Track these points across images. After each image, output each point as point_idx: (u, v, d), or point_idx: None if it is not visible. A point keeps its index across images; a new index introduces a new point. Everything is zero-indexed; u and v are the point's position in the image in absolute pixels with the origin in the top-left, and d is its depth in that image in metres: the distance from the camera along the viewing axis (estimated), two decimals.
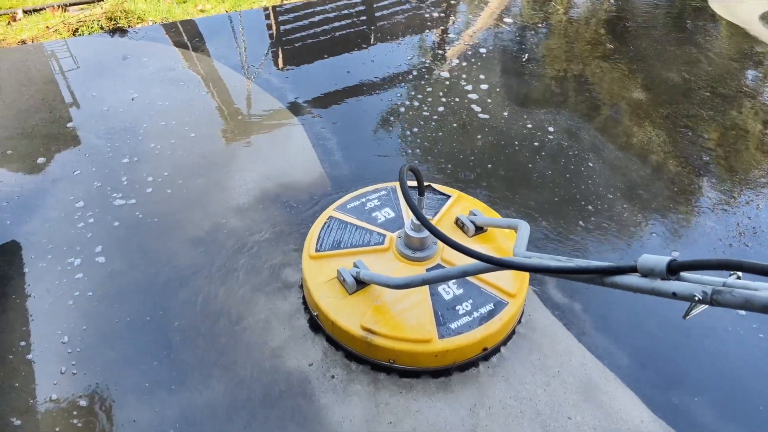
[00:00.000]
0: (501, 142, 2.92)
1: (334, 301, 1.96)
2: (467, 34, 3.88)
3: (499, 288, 2.01)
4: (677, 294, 1.12)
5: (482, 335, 1.90)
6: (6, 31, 3.76)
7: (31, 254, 2.28)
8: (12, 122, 2.94)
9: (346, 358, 1.97)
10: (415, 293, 1.98)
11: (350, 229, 2.22)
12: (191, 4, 4.13)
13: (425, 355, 1.88)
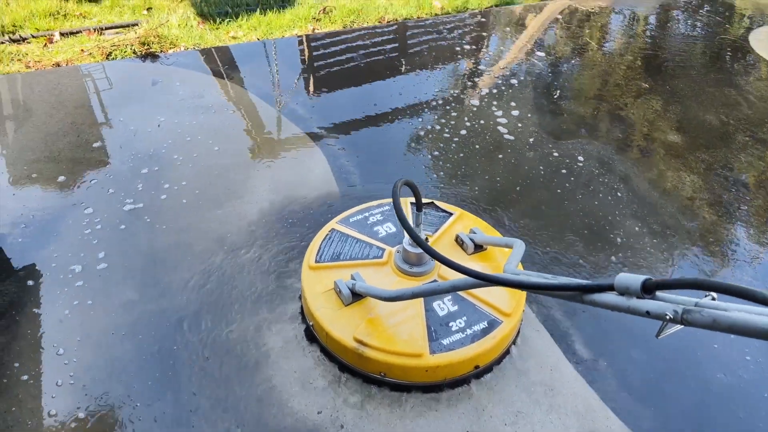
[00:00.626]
0: (528, 168, 2.85)
1: (329, 312, 1.98)
2: (498, 66, 3.82)
3: (494, 306, 2.01)
4: (650, 312, 1.14)
5: (474, 353, 1.90)
6: (42, 53, 3.82)
7: (45, 274, 2.27)
8: (40, 145, 2.96)
9: (339, 370, 1.99)
10: (410, 308, 1.99)
11: (351, 242, 2.26)
12: (223, 30, 4.16)
13: (416, 369, 1.89)
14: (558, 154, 3.04)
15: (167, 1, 4.52)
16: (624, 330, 2.18)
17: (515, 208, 2.70)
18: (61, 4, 4.40)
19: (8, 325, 2.10)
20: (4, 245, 2.44)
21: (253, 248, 2.43)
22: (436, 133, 3.17)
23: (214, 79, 3.57)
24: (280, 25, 4.24)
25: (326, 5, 4.50)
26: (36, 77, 3.53)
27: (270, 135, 3.12)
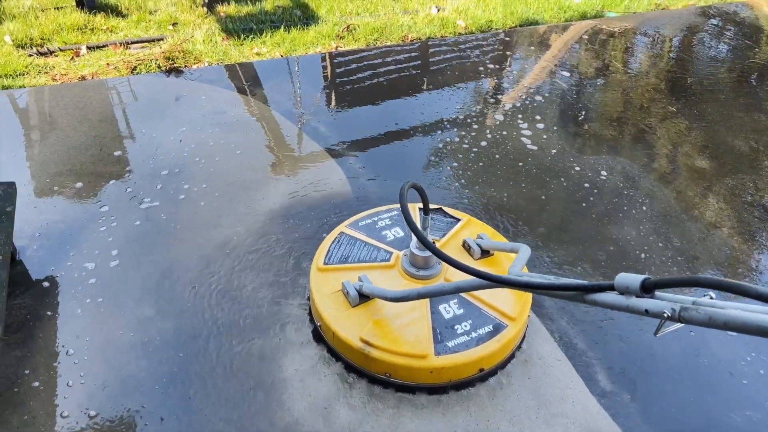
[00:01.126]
0: (550, 183, 2.80)
1: (336, 313, 2.02)
2: (521, 85, 3.79)
3: (500, 311, 2.04)
4: (649, 311, 1.15)
5: (479, 355, 1.92)
6: (69, 66, 3.86)
7: (62, 287, 2.27)
8: (63, 158, 2.98)
9: (345, 370, 2.02)
10: (416, 310, 2.02)
11: (359, 245, 2.30)
12: (247, 46, 4.18)
13: (421, 370, 1.91)
14: (579, 168, 2.99)
15: (192, 17, 4.56)
16: (627, 335, 2.22)
17: (538, 223, 2.65)
18: (89, 18, 4.45)
19: (24, 338, 2.10)
20: (24, 257, 2.44)
21: (264, 248, 2.47)
22: (455, 146, 3.14)
23: (237, 95, 3.58)
24: (303, 42, 4.25)
25: (350, 23, 4.51)
26: (62, 90, 3.56)
27: (291, 150, 3.11)
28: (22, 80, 3.66)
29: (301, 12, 4.70)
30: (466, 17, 4.74)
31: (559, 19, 4.91)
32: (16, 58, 3.86)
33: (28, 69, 3.79)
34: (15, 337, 2.10)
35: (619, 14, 5.09)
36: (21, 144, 3.08)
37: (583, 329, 2.23)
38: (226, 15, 4.58)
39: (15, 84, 3.61)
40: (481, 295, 2.08)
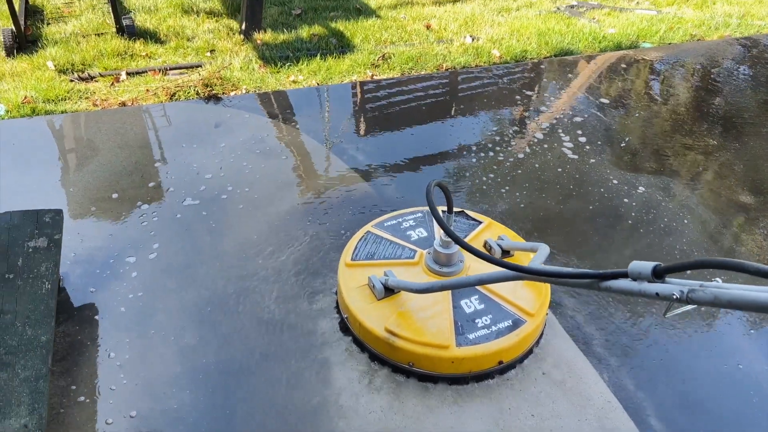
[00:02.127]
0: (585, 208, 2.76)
1: (363, 305, 2.14)
2: (554, 115, 3.76)
3: (519, 307, 2.13)
4: (660, 294, 1.25)
5: (498, 348, 2.02)
6: (109, 91, 3.92)
7: (105, 314, 2.27)
8: (104, 184, 3.00)
9: (369, 359, 2.14)
10: (438, 304, 2.13)
11: (385, 243, 2.42)
12: (284, 74, 4.21)
13: (442, 360, 2.01)
14: (608, 195, 2.94)
15: (229, 44, 4.62)
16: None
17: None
18: (128, 44, 4.53)
19: (69, 367, 2.09)
20: (67, 284, 2.45)
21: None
22: (489, 167, 3.11)
23: (276, 123, 3.60)
24: (339, 71, 4.27)
25: (385, 52, 4.53)
26: (102, 116, 3.61)
27: (329, 177, 3.11)
28: (64, 105, 3.72)
29: (336, 40, 4.74)
30: (501, 47, 4.74)
31: (593, 49, 4.90)
32: (58, 83, 3.93)
33: (69, 94, 3.85)
34: (60, 365, 2.09)
35: (654, 45, 5.06)
36: (63, 169, 3.12)
37: (600, 325, 2.35)
38: (263, 42, 4.63)
39: (57, 109, 3.66)
40: (501, 292, 2.18)
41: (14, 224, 2.21)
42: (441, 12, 5.50)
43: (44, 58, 4.23)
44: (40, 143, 3.34)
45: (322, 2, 5.55)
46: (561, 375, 2.13)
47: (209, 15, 5.16)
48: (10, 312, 1.93)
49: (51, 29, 4.71)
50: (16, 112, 3.58)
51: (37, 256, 2.12)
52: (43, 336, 1.87)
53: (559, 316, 2.36)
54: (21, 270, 2.06)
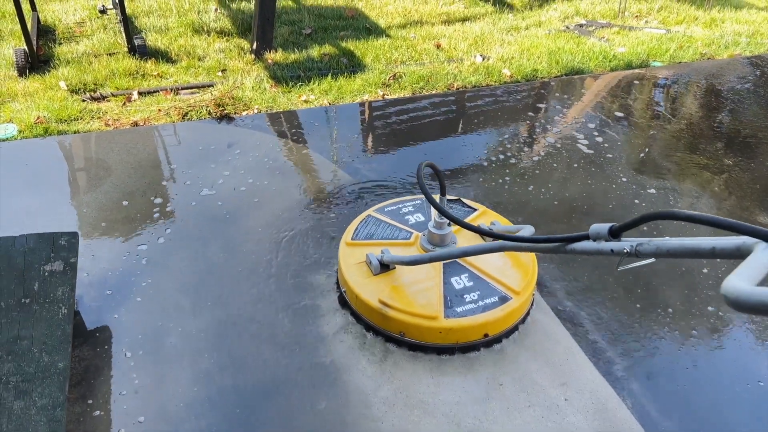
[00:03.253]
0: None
1: (360, 280, 2.31)
2: (564, 135, 3.74)
3: (506, 285, 2.30)
4: (614, 250, 1.39)
5: (484, 321, 2.18)
6: (121, 111, 3.92)
7: (120, 337, 2.24)
8: (118, 205, 2.99)
9: (364, 330, 2.31)
10: (430, 280, 2.30)
11: (384, 225, 2.61)
12: (296, 94, 4.21)
13: (431, 330, 2.17)
14: (620, 212, 2.91)
15: (241, 64, 4.63)
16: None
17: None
18: (140, 64, 4.54)
19: (84, 393, 2.06)
20: (82, 307, 2.42)
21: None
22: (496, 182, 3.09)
23: (287, 143, 3.59)
24: (350, 90, 4.27)
25: (396, 71, 4.53)
26: (115, 136, 3.60)
27: (339, 195, 3.09)
28: (77, 125, 3.72)
29: (347, 60, 4.75)
30: (511, 66, 4.74)
31: (604, 68, 4.89)
32: (70, 103, 3.94)
33: (82, 114, 3.85)
34: (75, 391, 2.06)
35: (664, 64, 5.06)
36: (76, 189, 3.11)
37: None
38: (274, 62, 4.64)
39: (70, 129, 3.66)
40: (490, 271, 2.35)
41: (30, 248, 2.19)
42: (450, 31, 5.51)
43: (56, 78, 4.24)
44: (53, 163, 3.33)
45: (332, 22, 5.58)
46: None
47: (220, 34, 5.19)
48: (27, 338, 1.91)
49: (63, 49, 4.73)
50: (29, 132, 3.58)
51: (54, 280, 2.11)
52: (60, 362, 1.85)
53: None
54: (37, 295, 2.04)
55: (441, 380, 2.13)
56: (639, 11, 6.42)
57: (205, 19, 5.38)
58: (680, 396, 2.14)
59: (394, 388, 2.10)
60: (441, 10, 6.07)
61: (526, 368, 2.19)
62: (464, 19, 5.92)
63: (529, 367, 2.19)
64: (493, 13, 6.09)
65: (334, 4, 6.10)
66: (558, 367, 2.20)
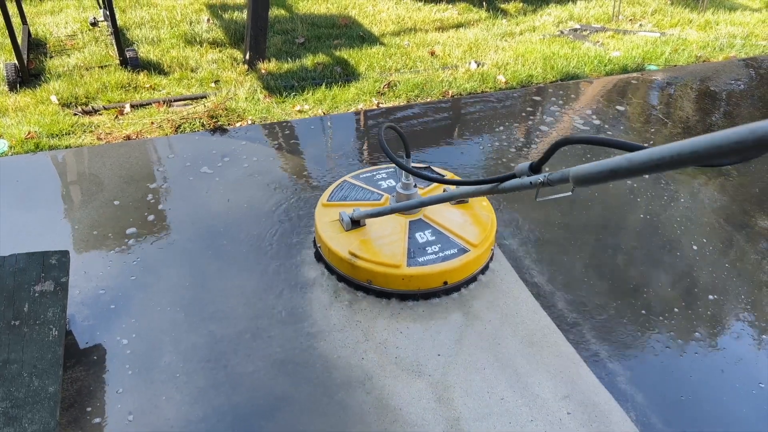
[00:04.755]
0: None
1: (333, 235, 2.56)
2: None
3: (465, 239, 2.54)
4: (532, 183, 1.59)
5: (443, 269, 2.42)
6: (113, 125, 3.88)
7: (113, 357, 2.19)
8: (111, 220, 2.94)
9: (337, 280, 2.56)
10: (395, 234, 2.56)
11: (357, 189, 2.85)
12: (290, 104, 4.18)
13: (395, 277, 2.41)
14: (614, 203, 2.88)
15: (234, 74, 4.59)
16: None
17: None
18: (132, 76, 4.50)
19: (77, 417, 2.01)
20: (74, 326, 2.37)
21: None
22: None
23: (282, 154, 3.55)
24: (345, 99, 4.24)
25: (390, 79, 4.50)
26: (107, 150, 3.56)
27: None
28: (68, 140, 3.68)
29: (341, 69, 4.72)
30: (506, 72, 4.71)
31: (599, 73, 4.87)
32: (62, 117, 3.89)
33: (73, 128, 3.81)
34: (67, 414, 2.01)
35: (660, 67, 5.04)
36: (68, 206, 3.06)
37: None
38: (267, 72, 4.60)
39: (61, 144, 3.61)
40: (451, 227, 2.59)
41: (20, 267, 2.14)
42: (444, 38, 5.49)
43: (47, 92, 4.20)
44: (44, 179, 3.28)
45: (326, 30, 5.55)
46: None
47: (212, 45, 5.15)
48: (16, 362, 1.86)
49: (54, 62, 4.69)
50: (20, 148, 3.54)
51: (44, 301, 2.06)
52: (50, 387, 1.80)
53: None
54: (27, 316, 2.00)
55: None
56: (633, 15, 6.41)
57: (198, 30, 5.34)
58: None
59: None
60: (434, 17, 6.04)
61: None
62: (458, 25, 5.90)
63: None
64: (486, 19, 6.07)
65: (327, 12, 6.08)
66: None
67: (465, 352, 2.27)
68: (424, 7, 6.30)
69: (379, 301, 2.46)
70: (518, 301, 2.51)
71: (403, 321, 2.39)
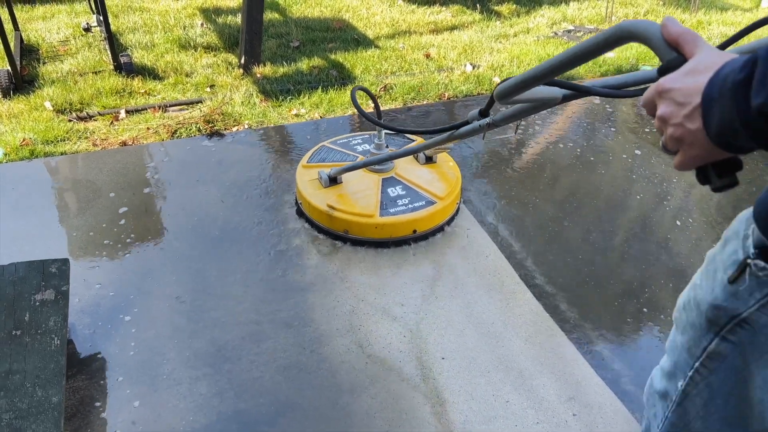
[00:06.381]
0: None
1: (312, 191, 2.86)
2: (553, 146, 3.72)
3: (432, 193, 2.86)
4: (480, 125, 1.80)
5: (411, 218, 2.73)
6: (109, 130, 3.85)
7: (114, 365, 2.16)
8: (107, 226, 2.92)
9: (316, 232, 2.88)
10: (369, 189, 2.86)
11: (335, 152, 3.18)
12: (286, 108, 4.16)
13: (368, 226, 2.71)
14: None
15: (229, 79, 4.57)
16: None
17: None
18: (127, 82, 4.47)
19: (79, 427, 1.99)
20: (74, 335, 2.35)
21: None
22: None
23: (281, 158, 3.54)
24: (341, 103, 4.23)
25: (386, 82, 4.50)
26: (103, 156, 3.53)
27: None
28: (63, 146, 3.64)
29: (337, 72, 4.71)
30: (502, 74, 4.72)
31: (594, 74, 4.89)
32: (56, 123, 3.86)
33: (68, 135, 3.78)
34: (70, 424, 1.99)
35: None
36: (65, 213, 3.03)
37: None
38: (263, 76, 4.59)
39: (56, 150, 3.58)
40: (420, 183, 2.91)
41: (20, 276, 2.12)
42: (439, 40, 5.49)
43: (41, 98, 4.17)
44: (40, 187, 3.26)
45: (320, 34, 5.54)
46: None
47: (207, 50, 5.13)
48: (19, 372, 1.84)
49: (47, 68, 4.65)
50: (15, 155, 3.51)
51: (45, 310, 2.04)
52: (54, 397, 1.78)
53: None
54: (28, 326, 1.97)
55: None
56: (626, 15, 6.43)
57: (192, 35, 5.32)
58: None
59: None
60: (428, 20, 6.05)
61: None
62: (452, 27, 5.90)
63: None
64: (480, 21, 6.07)
65: (321, 15, 6.07)
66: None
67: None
68: (417, 10, 6.30)
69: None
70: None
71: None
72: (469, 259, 2.75)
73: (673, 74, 0.82)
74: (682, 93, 0.80)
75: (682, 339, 1.13)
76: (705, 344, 1.05)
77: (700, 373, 1.09)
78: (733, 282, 0.96)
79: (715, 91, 0.75)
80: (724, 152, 0.80)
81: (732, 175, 0.83)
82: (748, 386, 1.01)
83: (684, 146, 0.82)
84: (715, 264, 1.03)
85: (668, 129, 0.83)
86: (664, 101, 0.83)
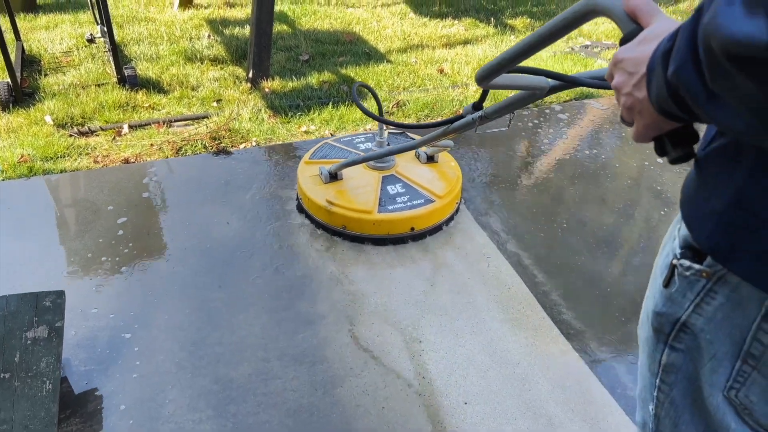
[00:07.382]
0: None
1: (313, 187, 2.88)
2: (571, 159, 3.55)
3: (431, 191, 2.85)
4: (473, 119, 1.85)
5: (410, 216, 2.73)
6: (111, 147, 3.69)
7: (110, 406, 1.99)
8: (107, 250, 2.76)
9: (315, 227, 2.89)
10: (369, 185, 2.86)
11: (337, 149, 3.19)
12: (295, 124, 4.00)
13: (366, 222, 2.71)
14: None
15: (236, 93, 4.42)
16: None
17: None
18: (130, 95, 4.32)
19: None
20: (69, 371, 2.18)
21: None
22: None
23: (287, 178, 3.37)
24: (353, 119, 4.07)
25: (399, 99, 4.34)
26: (104, 174, 3.37)
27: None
28: (64, 163, 3.48)
29: (347, 87, 4.55)
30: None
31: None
32: (57, 139, 3.70)
33: (69, 150, 3.62)
34: None
35: None
36: (63, 235, 2.87)
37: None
38: (271, 91, 4.43)
39: (56, 168, 3.42)
40: (420, 181, 2.92)
41: (11, 311, 1.95)
42: (452, 55, 5.33)
43: (42, 112, 4.01)
44: (37, 207, 3.09)
45: (330, 47, 5.38)
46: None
47: (214, 62, 4.98)
48: (6, 421, 1.66)
49: (49, 80, 4.50)
50: (12, 173, 3.34)
51: (37, 350, 1.86)
52: None
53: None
54: (18, 368, 1.80)
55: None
56: None
57: (198, 47, 5.17)
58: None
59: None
60: (441, 33, 5.90)
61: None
62: (465, 41, 5.75)
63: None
64: (494, 35, 5.92)
65: (330, 28, 5.92)
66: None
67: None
68: (429, 23, 6.16)
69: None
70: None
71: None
72: (468, 257, 2.76)
73: (628, 44, 0.84)
74: (632, 62, 0.81)
75: (642, 358, 1.07)
76: (659, 357, 1.00)
77: (662, 391, 1.02)
78: (667, 285, 0.94)
79: (655, 60, 0.76)
80: (672, 122, 0.80)
81: (688, 146, 0.83)
82: (703, 395, 0.95)
83: (635, 115, 0.84)
84: (655, 270, 1.01)
85: (621, 98, 0.84)
86: (618, 71, 0.84)
